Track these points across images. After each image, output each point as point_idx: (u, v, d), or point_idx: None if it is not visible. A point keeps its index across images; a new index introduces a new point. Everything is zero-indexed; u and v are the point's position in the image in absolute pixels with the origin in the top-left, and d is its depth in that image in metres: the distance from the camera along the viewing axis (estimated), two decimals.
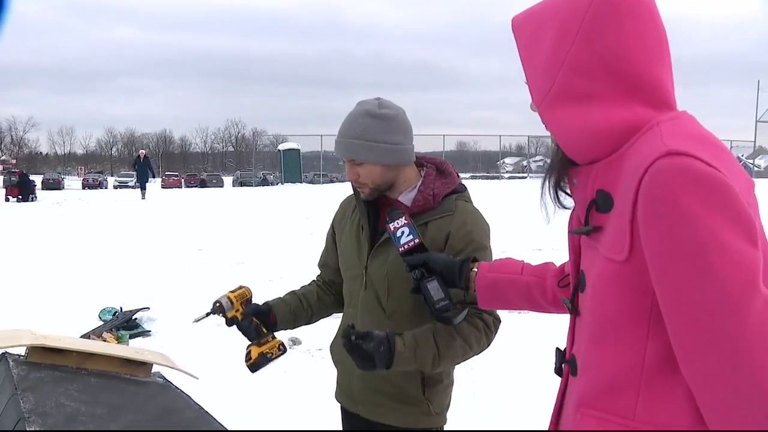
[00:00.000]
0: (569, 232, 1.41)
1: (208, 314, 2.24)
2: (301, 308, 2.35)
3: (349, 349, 1.92)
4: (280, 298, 2.38)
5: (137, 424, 2.58)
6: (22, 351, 3.12)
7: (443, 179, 2.17)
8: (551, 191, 1.40)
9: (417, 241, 1.90)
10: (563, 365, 1.44)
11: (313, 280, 2.50)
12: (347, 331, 1.93)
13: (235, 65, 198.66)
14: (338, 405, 2.38)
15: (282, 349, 2.24)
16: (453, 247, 2.04)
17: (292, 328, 2.40)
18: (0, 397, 2.77)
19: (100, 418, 2.52)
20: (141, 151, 30.78)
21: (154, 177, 29.72)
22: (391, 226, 1.94)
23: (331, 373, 2.48)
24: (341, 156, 2.10)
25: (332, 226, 2.39)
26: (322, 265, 2.48)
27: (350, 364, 2.16)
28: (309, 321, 2.39)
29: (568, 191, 1.39)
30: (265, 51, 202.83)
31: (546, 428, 1.48)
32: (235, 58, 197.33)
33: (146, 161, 27.51)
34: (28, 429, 2.24)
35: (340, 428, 2.39)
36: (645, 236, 1.14)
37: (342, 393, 2.31)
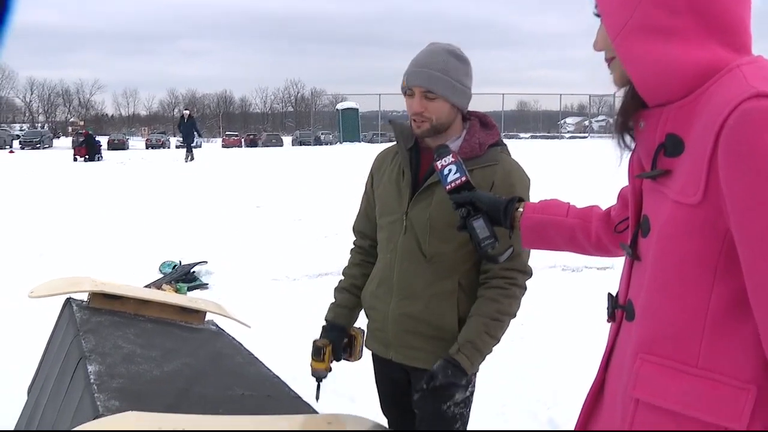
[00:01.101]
0: (635, 176, 1.38)
1: (319, 387, 2.48)
2: (356, 302, 2.41)
3: (433, 396, 2.03)
4: (337, 305, 2.43)
5: (189, 366, 2.70)
6: (84, 297, 3.28)
7: (487, 131, 2.19)
8: (617, 133, 1.37)
9: (464, 179, 1.90)
10: (616, 311, 1.42)
11: (351, 258, 2.49)
12: (421, 387, 2.04)
13: (294, 25, 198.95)
14: None
15: (363, 333, 2.43)
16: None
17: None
18: (64, 338, 2.93)
19: (154, 360, 2.65)
20: (185, 110, 28.07)
21: (200, 137, 28.28)
22: (439, 163, 1.94)
23: None
24: (418, 84, 2.07)
25: (370, 177, 2.39)
26: (359, 226, 2.47)
27: (383, 310, 2.24)
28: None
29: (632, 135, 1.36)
30: (324, 10, 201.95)
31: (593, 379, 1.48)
32: (294, 18, 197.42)
33: (191, 121, 25.72)
34: (88, 366, 2.38)
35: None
36: (727, 178, 1.11)
37: (375, 339, 2.33)
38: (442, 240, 2.11)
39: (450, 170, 1.92)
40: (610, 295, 1.47)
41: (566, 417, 3.62)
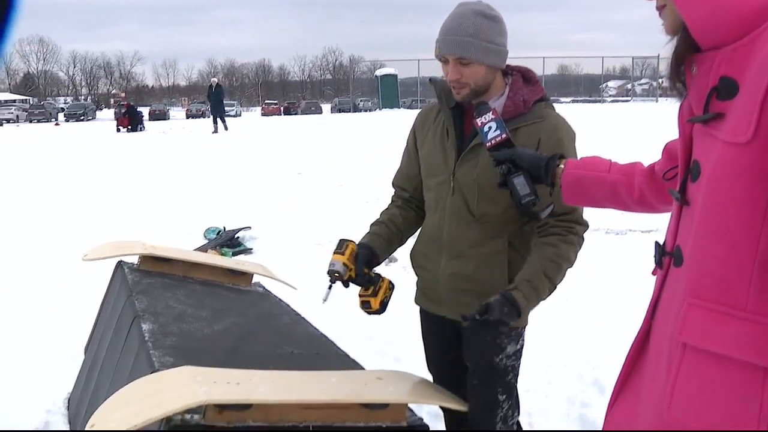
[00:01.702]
0: (687, 120, 1.35)
1: (330, 287, 2.27)
2: (392, 234, 2.39)
3: (481, 328, 1.98)
4: (371, 233, 2.39)
5: (238, 325, 2.76)
6: (134, 260, 3.36)
7: (530, 86, 2.16)
8: (669, 80, 1.36)
9: (504, 136, 1.90)
10: (663, 258, 1.41)
11: (391, 203, 2.50)
12: (467, 317, 1.96)
13: None
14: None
15: (392, 287, 2.32)
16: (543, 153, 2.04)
17: (389, 256, 2.46)
18: (117, 299, 3.01)
19: (204, 319, 2.72)
20: (213, 79, 26.91)
21: (224, 110, 25.79)
22: (479, 120, 1.93)
23: None
24: (450, 53, 2.06)
25: (413, 134, 2.37)
26: (400, 181, 2.46)
27: (433, 269, 2.24)
28: (401, 242, 2.44)
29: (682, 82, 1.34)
30: None
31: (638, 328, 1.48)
32: None
33: (219, 90, 24.38)
34: (143, 325, 2.45)
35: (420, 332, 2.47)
36: None
37: (425, 297, 2.35)
38: (491, 200, 2.10)
39: (490, 127, 1.91)
40: (657, 243, 1.46)
41: (612, 377, 3.59)
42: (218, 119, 23.37)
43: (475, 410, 2.22)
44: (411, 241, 2.44)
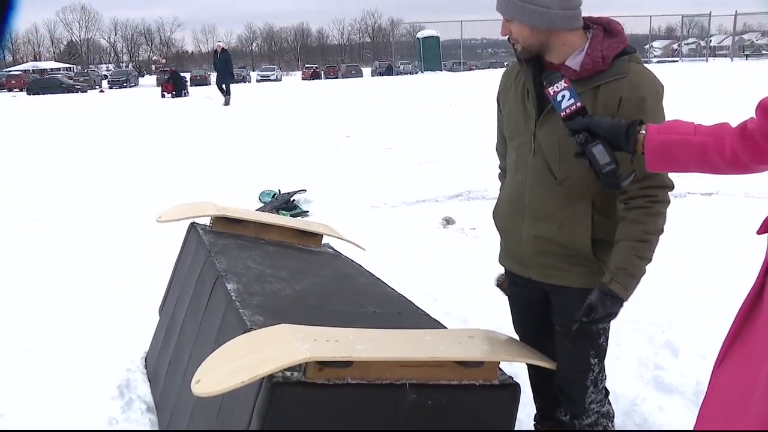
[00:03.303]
0: None
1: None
2: None
3: (590, 321, 2.01)
4: None
5: (318, 285, 2.77)
6: (206, 222, 3.39)
7: (611, 39, 2.06)
8: None
9: (579, 105, 1.86)
10: None
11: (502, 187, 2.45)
12: (576, 319, 2.01)
13: None
14: (501, 269, 2.42)
15: None
16: (625, 114, 1.96)
17: None
18: (194, 260, 3.05)
19: (284, 280, 2.73)
20: (218, 43, 22.95)
21: (233, 78, 21.74)
22: (551, 90, 1.90)
23: (482, 249, 2.52)
24: (498, 10, 2.09)
25: (498, 96, 2.34)
26: (500, 147, 2.42)
27: (515, 231, 2.21)
28: None
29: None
30: None
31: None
32: None
33: (224, 56, 20.87)
34: (227, 284, 2.47)
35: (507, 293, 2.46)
36: None
37: (509, 258, 2.32)
38: (573, 163, 2.02)
39: (564, 96, 1.87)
40: None
41: (683, 340, 3.57)
42: (226, 89, 20.21)
43: (566, 372, 2.20)
44: (480, 202, 2.41)
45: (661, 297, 4.25)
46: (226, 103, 19.64)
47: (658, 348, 3.62)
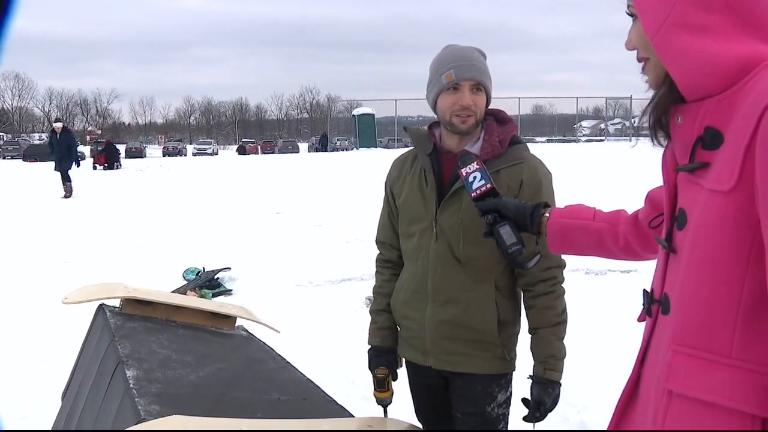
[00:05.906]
0: (673, 169, 1.37)
1: (385, 410, 2.42)
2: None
3: (542, 414, 2.10)
4: (383, 328, 2.39)
5: (224, 371, 2.72)
6: (116, 303, 3.31)
7: (504, 126, 2.19)
8: (651, 129, 1.38)
9: (489, 186, 1.90)
10: (652, 306, 1.42)
11: (381, 274, 2.44)
12: (532, 416, 2.10)
13: (304, 33, 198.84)
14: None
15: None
16: (525, 196, 2.07)
17: None
18: (99, 343, 2.96)
19: (189, 365, 2.67)
20: (55, 123, 17.46)
21: (77, 160, 17.11)
22: (464, 171, 1.93)
23: None
24: (470, 77, 2.06)
25: (388, 187, 2.35)
26: (385, 237, 2.40)
27: (418, 318, 2.21)
28: None
29: (661, 135, 1.37)
30: (336, 17, 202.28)
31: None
32: (303, 25, 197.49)
33: (66, 136, 16.71)
34: (127, 371, 2.40)
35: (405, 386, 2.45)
36: (762, 164, 1.12)
37: (410, 347, 2.30)
38: (476, 244, 2.09)
39: (475, 177, 1.91)
40: (645, 291, 1.46)
41: (597, 420, 3.61)
42: (64, 176, 16.14)
43: None
44: None
45: (578, 376, 4.30)
46: (67, 194, 15.84)
47: (573, 428, 3.65)
